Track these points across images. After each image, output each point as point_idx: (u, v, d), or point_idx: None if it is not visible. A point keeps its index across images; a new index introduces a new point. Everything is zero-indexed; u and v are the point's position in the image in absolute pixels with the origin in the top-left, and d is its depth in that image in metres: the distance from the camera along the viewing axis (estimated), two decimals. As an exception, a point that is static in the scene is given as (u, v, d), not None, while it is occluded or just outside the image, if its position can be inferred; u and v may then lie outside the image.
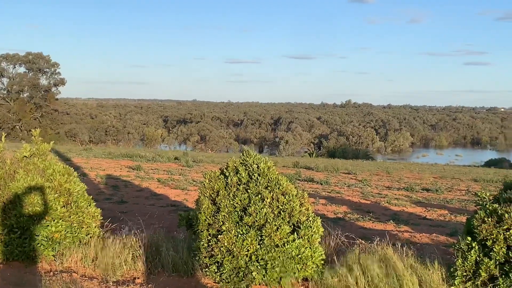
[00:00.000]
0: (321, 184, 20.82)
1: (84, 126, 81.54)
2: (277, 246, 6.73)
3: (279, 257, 6.65)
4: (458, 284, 6.36)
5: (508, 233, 6.28)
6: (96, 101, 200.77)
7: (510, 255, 6.17)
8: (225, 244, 6.72)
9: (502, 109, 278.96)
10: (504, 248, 6.27)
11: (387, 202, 15.90)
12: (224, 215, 6.88)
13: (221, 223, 6.86)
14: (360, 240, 8.11)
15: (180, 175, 21.54)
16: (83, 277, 7.05)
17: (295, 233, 6.90)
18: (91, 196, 8.47)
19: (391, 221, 12.51)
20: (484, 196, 6.94)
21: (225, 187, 7.13)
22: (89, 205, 8.27)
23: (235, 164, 7.40)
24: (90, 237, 8.02)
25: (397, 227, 11.83)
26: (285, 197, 7.05)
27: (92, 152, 34.77)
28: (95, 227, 8.19)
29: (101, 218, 8.34)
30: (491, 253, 6.31)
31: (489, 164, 61.39)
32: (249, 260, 6.71)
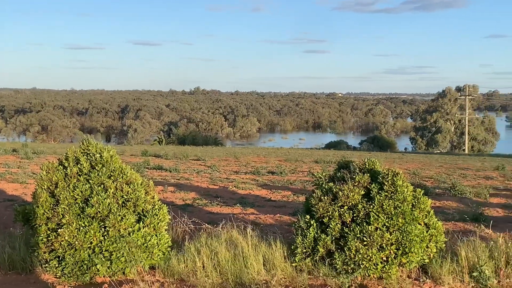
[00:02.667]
0: (170, 172, 20.74)
1: None
2: (122, 236, 6.59)
3: (124, 247, 6.52)
4: (298, 261, 6.70)
5: (342, 209, 6.73)
6: None
7: (345, 230, 6.63)
8: (66, 238, 6.43)
9: (340, 94, 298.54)
10: (339, 224, 6.71)
11: (235, 186, 16.27)
12: (64, 208, 6.57)
13: (61, 216, 6.54)
14: (206, 225, 8.20)
15: (18, 168, 20.23)
16: None
17: (141, 222, 6.80)
18: None
19: (238, 204, 12.83)
20: (320, 176, 7.36)
21: (64, 178, 6.80)
22: None
23: (75, 154, 7.08)
24: None
25: (244, 210, 12.17)
26: (129, 187, 6.90)
27: None
28: None
29: None
30: (327, 230, 6.72)
31: (329, 146, 65.54)
32: (92, 253, 6.49)
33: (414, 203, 6.74)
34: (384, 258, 6.42)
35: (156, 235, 6.86)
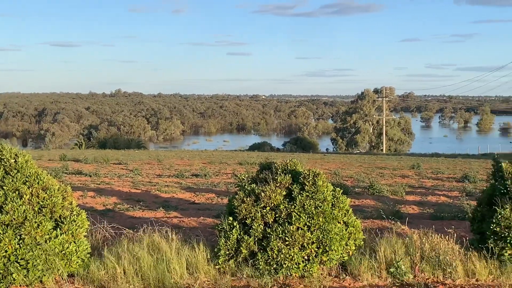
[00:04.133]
0: (90, 176, 20.20)
1: None
2: (39, 244, 6.34)
3: (41, 255, 6.28)
4: (221, 263, 6.70)
5: (264, 210, 6.80)
6: None
7: (268, 231, 6.69)
8: (-23, 247, 6.11)
9: (263, 96, 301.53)
10: (262, 225, 6.78)
11: (158, 190, 16.07)
12: (-25, 216, 6.24)
13: (-28, 225, 6.21)
14: (128, 230, 8.04)
15: None
16: None
17: (58, 228, 6.58)
18: None
19: (161, 208, 12.68)
20: (243, 177, 7.40)
21: (-26, 186, 6.47)
22: None
23: (-14, 160, 6.74)
24: None
25: (167, 213, 12.04)
26: (46, 192, 6.65)
27: None
28: None
29: None
30: (250, 231, 6.77)
31: (253, 148, 65.97)
32: (8, 261, 6.21)
33: (334, 203, 6.91)
34: (306, 257, 6.54)
35: (74, 242, 6.66)
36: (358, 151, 72.61)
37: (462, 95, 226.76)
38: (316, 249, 6.56)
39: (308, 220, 6.58)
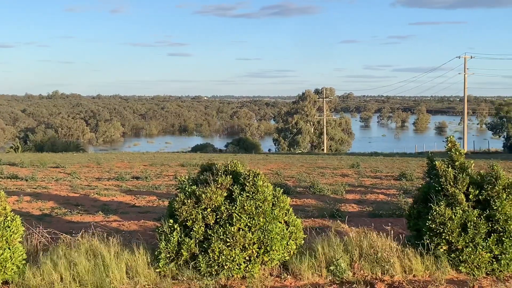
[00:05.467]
0: (27, 180, 19.53)
1: None
2: (-31, 252, 6.08)
3: (-28, 264, 6.02)
4: (162, 266, 6.62)
5: (205, 212, 6.76)
6: None
7: (209, 232, 6.65)
8: None
9: (205, 98, 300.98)
10: (203, 226, 6.73)
11: (97, 193, 15.70)
12: None
13: None
14: (65, 235, 7.82)
15: None
16: None
17: (-9, 235, 6.33)
18: None
19: (100, 212, 12.40)
20: (183, 179, 7.33)
21: None
22: None
23: None
24: None
25: (106, 217, 11.78)
26: (-24, 198, 6.38)
27: None
28: None
29: None
30: (191, 233, 6.71)
31: (196, 149, 65.63)
32: None
33: (274, 202, 6.94)
34: (247, 258, 6.54)
35: (9, 249, 6.43)
36: (300, 151, 73.44)
37: (399, 96, 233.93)
38: (258, 250, 6.57)
39: (249, 220, 6.59)
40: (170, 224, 6.80)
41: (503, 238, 6.80)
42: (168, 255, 6.66)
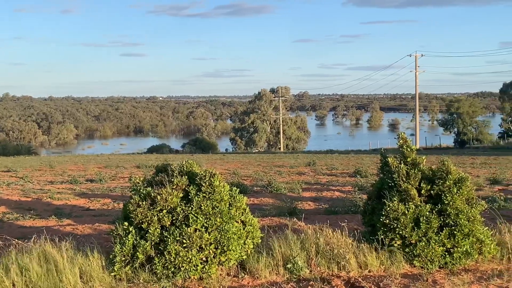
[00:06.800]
0: (-24, 186, 18.95)
1: None
2: None
3: None
4: (117, 270, 6.50)
5: (161, 213, 6.67)
6: None
7: (165, 234, 6.57)
8: None
9: (161, 98, 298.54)
10: (159, 228, 6.64)
11: (50, 197, 15.36)
12: None
13: None
14: (17, 240, 7.60)
15: None
16: None
17: None
18: None
19: (53, 216, 12.13)
20: (138, 181, 7.22)
21: None
22: None
23: None
24: None
25: (60, 221, 11.54)
26: None
27: None
28: None
29: None
30: (147, 235, 6.61)
31: (151, 150, 65.02)
32: None
33: (231, 202, 6.91)
34: (204, 259, 6.49)
35: (-45, 257, 6.20)
36: (257, 150, 73.69)
37: (353, 94, 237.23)
38: (214, 250, 6.53)
39: (205, 221, 6.55)
40: (125, 226, 6.68)
41: (455, 232, 6.95)
42: (123, 258, 6.54)
